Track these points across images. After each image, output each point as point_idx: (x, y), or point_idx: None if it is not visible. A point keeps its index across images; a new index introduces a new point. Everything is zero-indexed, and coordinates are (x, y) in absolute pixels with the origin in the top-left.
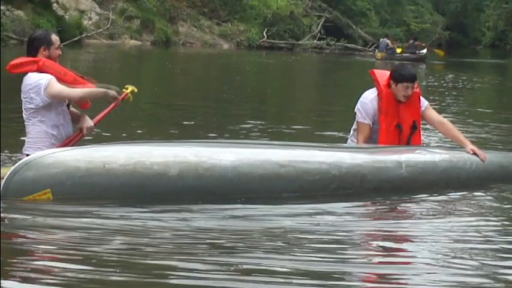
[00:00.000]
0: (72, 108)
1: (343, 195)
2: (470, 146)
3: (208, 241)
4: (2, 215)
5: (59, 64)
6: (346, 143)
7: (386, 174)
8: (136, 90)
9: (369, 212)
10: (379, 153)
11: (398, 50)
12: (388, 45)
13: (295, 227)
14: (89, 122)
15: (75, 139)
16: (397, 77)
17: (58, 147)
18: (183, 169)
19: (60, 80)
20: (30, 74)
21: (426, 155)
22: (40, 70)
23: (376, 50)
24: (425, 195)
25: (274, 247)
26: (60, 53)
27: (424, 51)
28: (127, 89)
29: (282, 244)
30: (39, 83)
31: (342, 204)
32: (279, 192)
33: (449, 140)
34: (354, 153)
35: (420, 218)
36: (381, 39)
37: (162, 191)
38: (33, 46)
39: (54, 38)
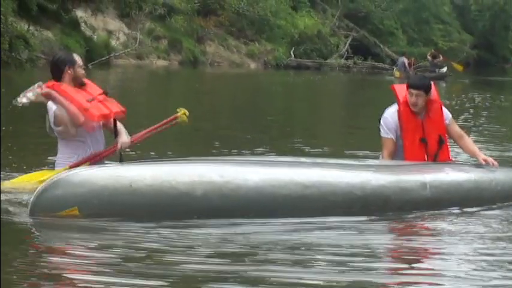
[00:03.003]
0: (118, 123)
1: None
2: (483, 157)
3: (230, 253)
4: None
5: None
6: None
7: (410, 195)
8: (187, 113)
9: (390, 226)
10: (403, 173)
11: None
12: (405, 64)
13: (315, 240)
14: (124, 138)
15: (107, 152)
16: (406, 84)
17: (88, 159)
18: (208, 190)
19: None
20: (49, 104)
21: (451, 175)
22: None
23: (394, 69)
24: (448, 211)
25: (293, 260)
26: (84, 71)
27: (445, 69)
28: (179, 111)
29: (302, 257)
30: (50, 117)
31: (362, 218)
32: (302, 212)
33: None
34: (379, 174)
35: (442, 233)
36: (399, 58)
37: (188, 211)
38: (58, 68)
39: (77, 57)
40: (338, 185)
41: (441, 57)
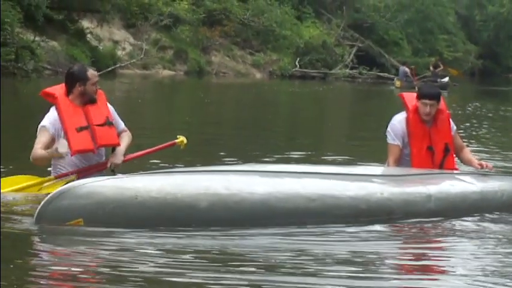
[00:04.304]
0: (121, 145)
1: None
2: (478, 162)
3: (234, 261)
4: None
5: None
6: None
7: (414, 208)
8: (185, 141)
9: (393, 233)
10: (408, 184)
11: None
12: (406, 73)
13: (317, 248)
14: (116, 158)
15: (96, 169)
16: (418, 94)
17: (75, 172)
18: (213, 202)
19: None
20: (50, 110)
21: (456, 186)
22: (55, 105)
23: (395, 78)
24: (453, 218)
25: (295, 267)
26: (97, 88)
27: (446, 79)
28: (178, 139)
29: (304, 265)
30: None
31: (365, 224)
32: (307, 225)
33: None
34: (383, 186)
35: (446, 241)
36: (400, 67)
37: (193, 223)
38: (70, 82)
39: (91, 73)
40: (343, 198)
41: (442, 67)
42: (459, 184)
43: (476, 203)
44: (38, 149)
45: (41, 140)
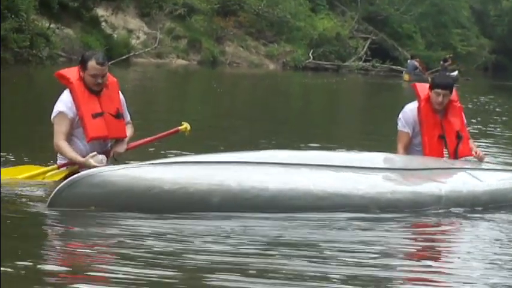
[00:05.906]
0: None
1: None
2: (475, 149)
3: (240, 246)
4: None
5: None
6: None
7: (423, 209)
8: (189, 127)
9: (403, 223)
10: (419, 182)
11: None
12: (416, 66)
13: (328, 238)
14: (119, 148)
15: None
16: (432, 84)
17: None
18: (224, 198)
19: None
20: (64, 92)
21: (468, 185)
22: (69, 88)
23: (404, 72)
24: (462, 210)
25: (303, 255)
26: (98, 82)
27: (456, 73)
28: (182, 125)
29: (311, 253)
30: (54, 109)
31: (374, 215)
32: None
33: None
34: (394, 184)
35: (454, 232)
36: (408, 61)
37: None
38: (79, 64)
39: (91, 65)
40: (353, 198)
41: (450, 61)
42: (472, 181)
43: (486, 203)
44: (62, 140)
45: (62, 129)
